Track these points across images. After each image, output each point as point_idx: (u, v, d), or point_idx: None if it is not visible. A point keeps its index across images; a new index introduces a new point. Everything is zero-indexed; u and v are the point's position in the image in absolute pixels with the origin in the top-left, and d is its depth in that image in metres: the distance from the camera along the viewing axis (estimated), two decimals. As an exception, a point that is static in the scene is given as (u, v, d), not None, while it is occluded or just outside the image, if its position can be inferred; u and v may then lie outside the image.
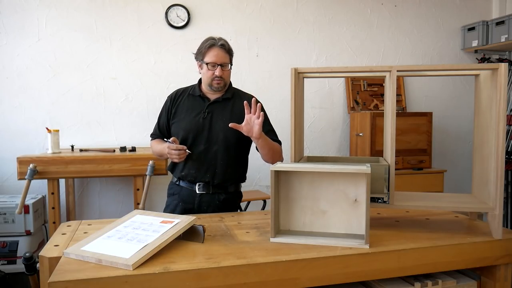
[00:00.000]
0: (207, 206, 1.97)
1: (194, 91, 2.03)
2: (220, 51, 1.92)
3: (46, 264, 1.27)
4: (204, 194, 1.97)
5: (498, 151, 1.45)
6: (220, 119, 1.95)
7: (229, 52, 1.97)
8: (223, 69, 1.93)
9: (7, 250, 2.82)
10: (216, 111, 1.97)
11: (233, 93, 2.03)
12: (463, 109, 4.26)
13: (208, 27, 3.60)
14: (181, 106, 2.02)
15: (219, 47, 1.92)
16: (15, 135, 3.31)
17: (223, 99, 1.99)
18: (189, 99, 2.02)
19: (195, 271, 1.17)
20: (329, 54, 3.91)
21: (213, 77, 1.93)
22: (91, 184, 3.47)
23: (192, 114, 1.98)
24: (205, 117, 1.96)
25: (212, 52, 1.92)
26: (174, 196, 2.04)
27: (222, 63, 1.92)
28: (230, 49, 1.97)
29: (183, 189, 2.00)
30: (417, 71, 1.76)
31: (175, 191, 2.04)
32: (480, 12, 4.25)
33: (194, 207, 1.98)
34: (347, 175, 1.41)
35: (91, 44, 3.41)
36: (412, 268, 1.37)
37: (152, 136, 2.14)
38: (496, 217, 1.45)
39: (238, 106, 1.97)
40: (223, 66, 1.93)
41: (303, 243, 1.37)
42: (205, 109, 1.97)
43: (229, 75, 2.00)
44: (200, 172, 1.95)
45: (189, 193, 1.99)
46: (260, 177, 3.76)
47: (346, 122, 3.99)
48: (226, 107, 1.99)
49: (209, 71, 1.93)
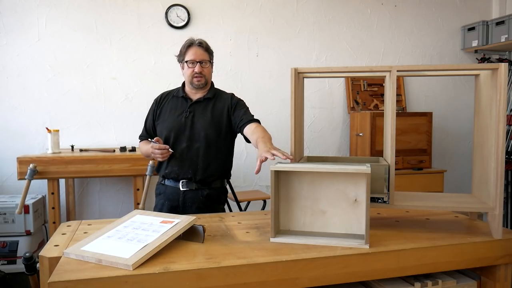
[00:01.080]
0: (191, 203, 2.03)
1: (178, 93, 2.12)
2: (198, 49, 2.01)
3: (46, 264, 1.27)
4: (187, 190, 2.03)
5: (498, 151, 1.45)
6: (201, 118, 2.04)
7: (208, 50, 2.05)
8: (203, 66, 2.02)
9: (7, 250, 2.82)
10: (198, 111, 2.06)
11: (214, 93, 2.11)
12: (463, 109, 4.26)
13: (208, 27, 3.60)
14: (165, 107, 2.11)
15: (197, 46, 2.02)
16: (15, 135, 3.31)
17: (205, 99, 2.07)
18: (173, 101, 2.12)
19: (195, 271, 1.17)
20: (329, 54, 3.91)
21: (193, 74, 2.01)
22: (91, 184, 3.47)
23: (175, 114, 2.07)
24: (187, 116, 2.04)
25: (191, 51, 2.01)
26: (160, 196, 2.11)
27: (200, 60, 2.01)
28: (208, 47, 2.06)
29: (168, 188, 2.08)
30: (417, 71, 1.76)
31: (161, 190, 2.12)
32: (480, 12, 4.25)
33: (179, 204, 2.04)
34: (347, 175, 1.41)
35: (91, 44, 3.41)
36: (412, 268, 1.37)
37: (140, 137, 2.22)
38: (496, 217, 1.45)
39: (218, 105, 2.07)
40: (202, 63, 2.02)
41: (303, 243, 1.37)
42: (187, 108, 2.06)
43: (209, 73, 2.08)
44: (183, 169, 2.02)
45: (173, 191, 2.05)
46: (260, 177, 3.76)
47: (346, 122, 3.99)
48: (208, 106, 2.07)
49: (189, 69, 2.02)
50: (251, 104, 2.11)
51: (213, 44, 3.74)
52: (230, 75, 3.68)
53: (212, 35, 3.60)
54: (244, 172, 3.72)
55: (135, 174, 2.98)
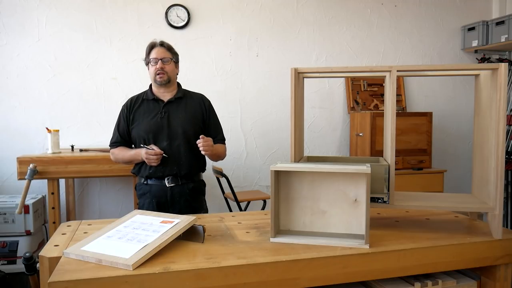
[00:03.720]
0: (179, 197, 2.13)
1: (147, 96, 2.20)
2: (160, 48, 2.15)
3: (46, 264, 1.27)
4: (174, 186, 2.13)
5: (498, 151, 1.45)
6: (176, 116, 2.14)
7: (170, 49, 2.18)
8: (165, 64, 2.12)
9: (7, 250, 2.82)
10: (172, 110, 2.15)
11: (183, 93, 2.22)
12: (463, 109, 4.26)
13: (208, 27, 3.60)
14: (138, 111, 2.18)
15: (159, 46, 2.15)
16: (15, 135, 3.31)
17: (176, 99, 2.18)
18: (144, 104, 2.19)
19: (195, 271, 1.17)
20: (329, 54, 3.91)
21: (156, 71, 2.12)
22: (91, 184, 3.47)
23: (149, 116, 2.15)
24: (163, 117, 2.13)
25: (153, 51, 2.15)
26: (146, 195, 2.16)
27: (162, 57, 2.12)
28: (171, 48, 2.19)
29: (153, 186, 2.14)
30: (417, 71, 1.76)
31: (144, 190, 2.17)
32: (480, 12, 4.25)
33: (168, 199, 2.13)
34: (347, 175, 1.41)
35: (91, 44, 3.41)
36: (412, 268, 1.37)
37: (113, 144, 2.26)
38: (496, 217, 1.45)
39: (190, 104, 2.20)
40: (164, 61, 2.12)
41: (303, 243, 1.37)
42: (161, 109, 2.15)
43: (171, 70, 2.16)
44: (167, 166, 2.11)
45: (159, 188, 2.13)
46: (260, 177, 3.76)
47: (346, 122, 3.99)
48: (180, 105, 2.18)
49: (152, 67, 2.14)
50: (251, 104, 2.13)
51: (213, 44, 3.77)
52: (230, 75, 3.68)
53: (212, 35, 3.60)
54: (244, 172, 3.72)
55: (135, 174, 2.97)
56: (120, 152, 2.21)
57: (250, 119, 3.74)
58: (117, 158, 2.23)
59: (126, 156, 2.18)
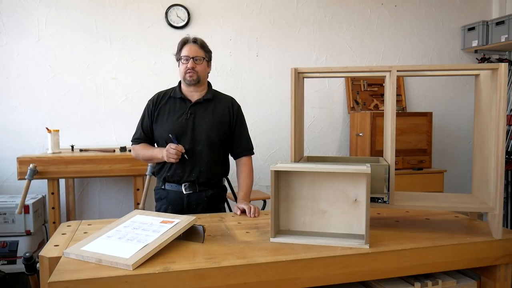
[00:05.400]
0: (196, 205, 2.02)
1: (175, 93, 2.07)
2: (192, 46, 2.02)
3: (46, 264, 1.27)
4: (191, 193, 2.02)
5: (498, 151, 1.45)
6: (202, 120, 2.01)
7: (203, 47, 2.04)
8: (196, 62, 2.00)
9: (7, 250, 2.82)
10: (199, 112, 2.03)
11: (213, 94, 2.08)
12: (463, 109, 4.26)
13: (208, 27, 3.60)
14: (163, 108, 2.06)
15: (192, 43, 2.03)
16: (15, 135, 3.31)
17: (204, 100, 2.05)
18: (170, 102, 2.07)
19: (195, 271, 1.17)
20: (329, 54, 3.91)
21: (186, 70, 2.00)
22: (91, 184, 3.47)
23: (174, 116, 2.02)
24: (188, 118, 2.01)
25: (185, 47, 2.02)
26: (162, 201, 2.07)
27: (194, 56, 2.00)
28: (204, 45, 2.05)
29: (170, 192, 2.04)
30: (417, 71, 1.76)
31: (161, 195, 2.08)
32: (480, 12, 4.24)
33: (184, 207, 2.02)
34: (347, 175, 1.41)
35: (91, 44, 3.41)
36: (412, 268, 1.37)
37: (136, 140, 2.13)
38: (496, 217, 1.45)
39: (219, 107, 2.06)
40: (196, 60, 2.00)
41: (303, 243, 1.37)
42: (187, 110, 2.02)
43: (203, 70, 2.04)
44: (186, 171, 2.00)
45: (176, 195, 2.03)
46: (260, 177, 3.76)
47: (346, 122, 3.99)
48: (208, 108, 2.04)
49: (183, 65, 2.02)
50: (251, 104, 2.13)
51: (213, 44, 3.76)
52: (230, 75, 3.68)
53: (212, 35, 3.60)
54: (244, 172, 3.72)
55: (135, 174, 2.98)
56: (141, 149, 2.08)
57: (250, 119, 3.70)
58: (138, 154, 2.10)
59: (147, 153, 2.06)
